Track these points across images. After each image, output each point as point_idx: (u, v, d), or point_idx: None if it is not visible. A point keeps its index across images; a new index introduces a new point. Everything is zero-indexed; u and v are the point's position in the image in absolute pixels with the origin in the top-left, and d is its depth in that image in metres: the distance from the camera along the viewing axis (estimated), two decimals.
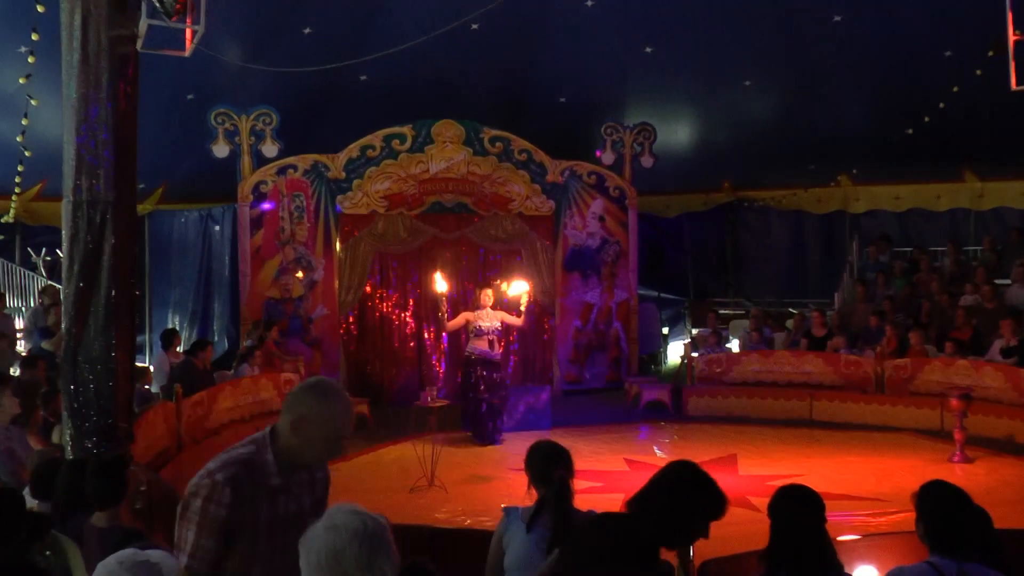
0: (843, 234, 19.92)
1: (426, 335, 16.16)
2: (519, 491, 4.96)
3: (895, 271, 17.54)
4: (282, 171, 15.57)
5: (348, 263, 15.79)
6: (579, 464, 9.44)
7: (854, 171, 18.79)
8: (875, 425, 13.76)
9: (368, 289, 16.04)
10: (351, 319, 15.94)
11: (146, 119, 8.09)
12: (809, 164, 18.76)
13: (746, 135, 18.00)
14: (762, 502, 3.98)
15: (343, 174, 15.79)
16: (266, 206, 15.43)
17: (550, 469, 4.52)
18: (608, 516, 3.21)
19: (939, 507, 3.82)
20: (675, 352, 19.57)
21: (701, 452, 11.86)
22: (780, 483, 3.89)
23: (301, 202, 15.58)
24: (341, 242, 15.79)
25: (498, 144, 16.49)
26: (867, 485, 10.40)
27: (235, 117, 15.34)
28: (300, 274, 15.50)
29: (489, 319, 12.88)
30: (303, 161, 15.68)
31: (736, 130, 18.09)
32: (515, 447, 12.12)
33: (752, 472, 11.12)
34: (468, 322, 12.97)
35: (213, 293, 17.67)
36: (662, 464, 3.57)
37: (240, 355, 13.72)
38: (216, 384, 12.32)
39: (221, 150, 15.35)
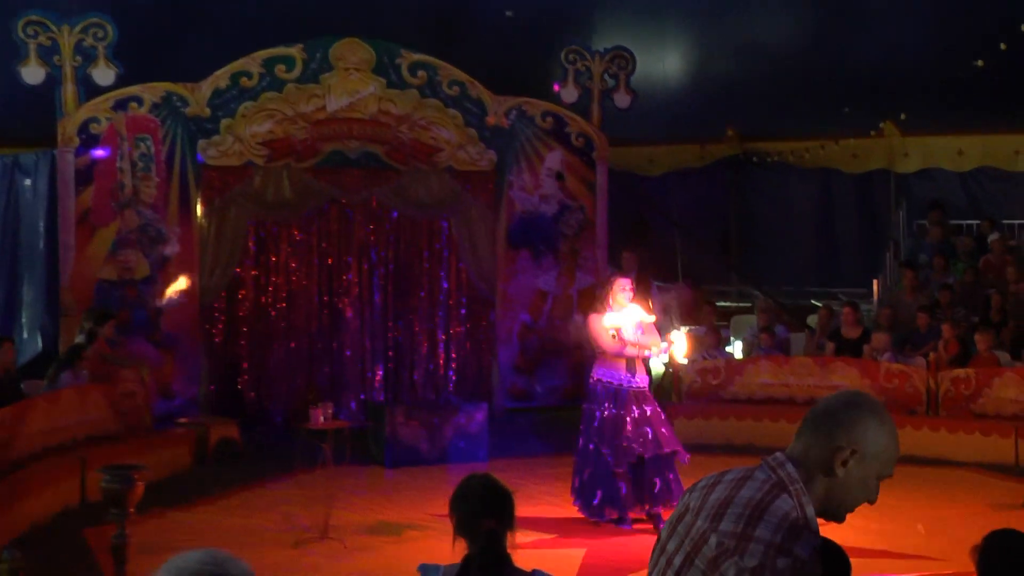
0: (886, 201, 20.12)
1: (350, 318, 16.42)
2: (443, 544, 5.02)
3: (956, 251, 17.78)
4: (121, 105, 15.46)
5: (213, 233, 15.80)
6: (527, 509, 9.19)
7: (902, 117, 19.00)
8: (926, 457, 13.72)
9: (240, 269, 16.07)
10: (217, 311, 15.95)
11: None
12: (843, 107, 18.89)
13: (758, 67, 18.17)
14: None
15: (207, 111, 15.76)
16: (98, 153, 15.31)
17: (477, 517, 4.63)
18: None
19: (1008, 566, 3.84)
20: (658, 359, 19.45)
21: None
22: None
23: (148, 148, 15.51)
24: (204, 204, 15.79)
25: (421, 73, 16.54)
26: (913, 538, 10.43)
27: (53, 28, 15.20)
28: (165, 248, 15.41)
29: (632, 324, 11.01)
30: (151, 92, 15.60)
31: (745, 60, 18.29)
32: (439, 484, 12.10)
33: None
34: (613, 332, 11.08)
35: (21, 272, 17.29)
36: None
37: (60, 359, 13.57)
38: (23, 399, 12.17)
39: (33, 74, 15.22)
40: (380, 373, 16.66)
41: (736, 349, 17.37)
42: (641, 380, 11.03)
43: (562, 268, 17.28)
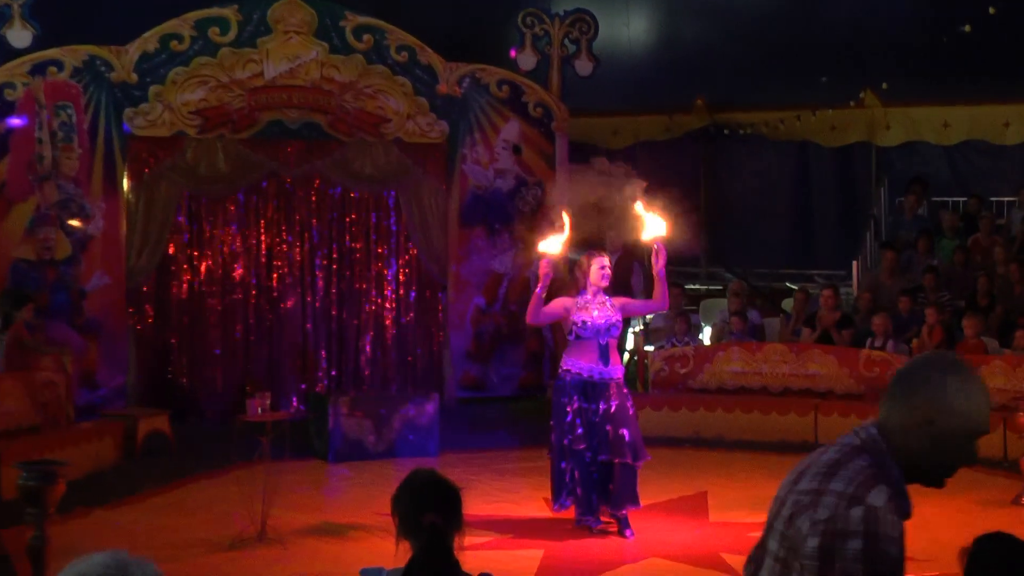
0: (867, 177, 20.20)
1: (288, 306, 16.44)
2: (389, 545, 4.95)
3: (942, 230, 17.86)
4: (39, 69, 15.37)
5: (142, 210, 15.74)
6: (482, 506, 9.34)
7: (884, 86, 19.03)
8: None
9: (172, 249, 16.04)
10: (145, 293, 15.93)
11: None
12: (820, 75, 18.91)
13: (730, 31, 18.28)
14: (741, 561, 4.04)
15: (134, 77, 15.67)
16: (14, 122, 15.19)
17: (419, 513, 4.64)
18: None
19: (998, 570, 3.90)
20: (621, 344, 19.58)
21: (656, 489, 11.86)
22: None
23: (69, 117, 15.41)
24: (131, 178, 15.74)
25: (367, 37, 16.50)
26: None
27: None
28: (76, 222, 15.33)
29: (602, 309, 10.96)
30: (72, 55, 15.50)
31: (715, 24, 18.37)
32: (386, 480, 12.06)
33: (728, 518, 11.23)
34: (567, 315, 10.97)
35: None
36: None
37: None
38: None
39: None
40: (323, 361, 16.65)
41: (706, 335, 17.40)
42: (615, 371, 10.88)
43: (519, 248, 17.07)
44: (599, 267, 10.88)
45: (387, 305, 16.94)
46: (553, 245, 10.92)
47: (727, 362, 15.46)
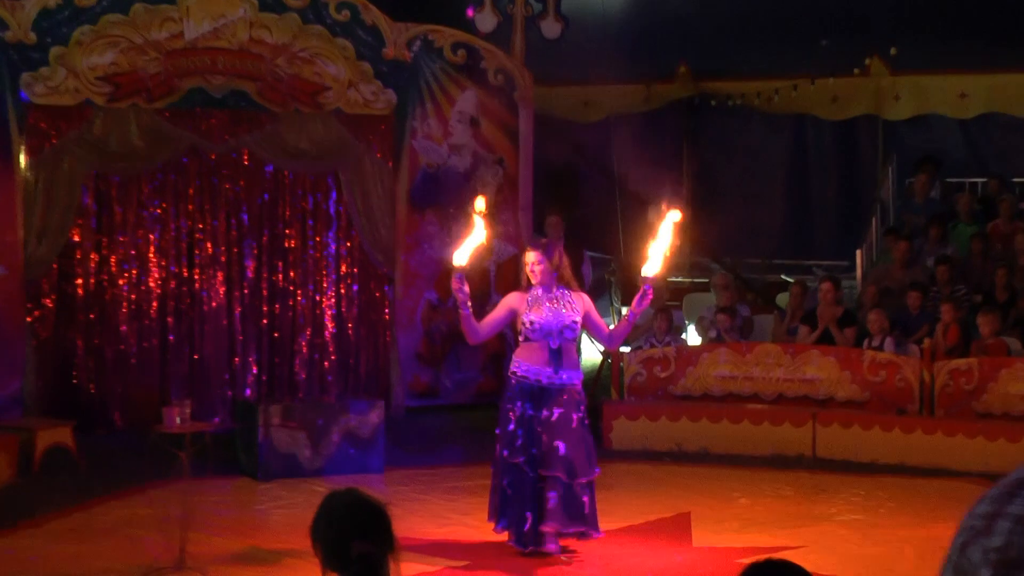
0: (872, 154, 20.37)
1: (208, 306, 16.46)
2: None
3: (956, 215, 17.93)
4: None
5: (42, 190, 15.63)
6: (432, 530, 10.00)
7: (893, 52, 19.06)
8: (919, 467, 13.94)
9: (78, 235, 15.92)
10: (46, 286, 15.82)
11: None
12: (820, 39, 19.11)
13: None
14: None
15: (32, 37, 15.51)
16: None
17: (345, 541, 4.69)
18: None
19: None
20: (593, 345, 19.23)
21: (632, 510, 11.99)
22: (756, 559, 3.92)
23: None
24: (29, 154, 15.62)
25: None
26: (903, 566, 10.53)
27: None
28: None
29: (556, 307, 10.81)
30: None
31: None
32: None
33: (714, 542, 11.27)
34: (518, 314, 10.92)
35: None
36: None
37: None
38: None
39: None
40: (252, 364, 16.64)
41: (690, 334, 17.57)
42: (569, 376, 10.71)
43: None
44: (528, 265, 10.79)
45: (326, 301, 16.97)
46: (462, 255, 10.62)
47: (713, 365, 15.46)
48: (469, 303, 10.49)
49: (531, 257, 10.79)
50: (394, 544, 4.75)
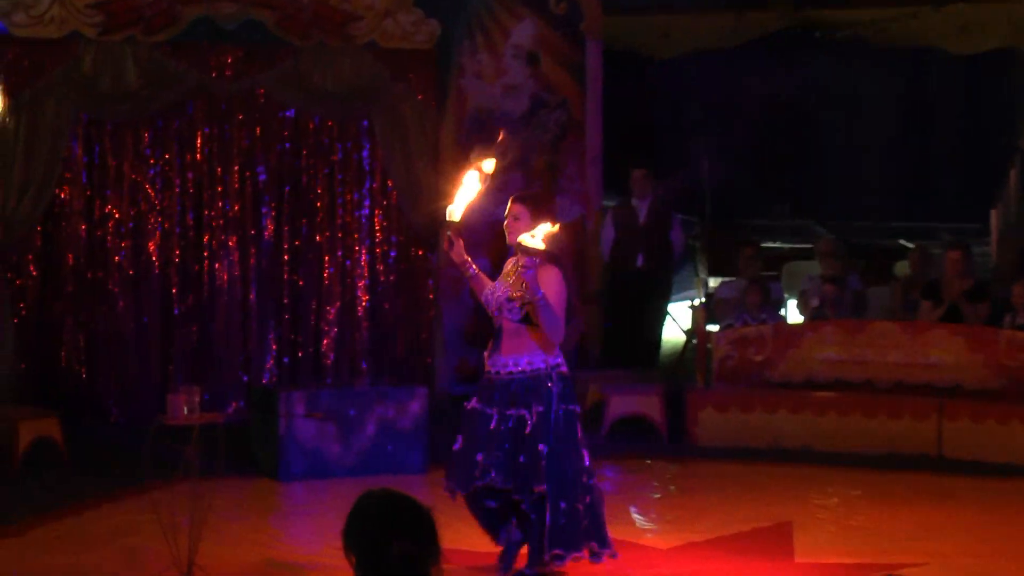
0: (1010, 96, 20.13)
1: (223, 279, 16.47)
2: None
3: None
4: None
5: (23, 138, 15.63)
6: (485, 543, 9.74)
7: None
8: None
9: (65, 192, 15.97)
10: (28, 253, 15.92)
11: None
12: None
13: None
14: None
15: None
16: None
17: (383, 542, 4.62)
18: None
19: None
20: (676, 324, 19.61)
21: (722, 519, 11.84)
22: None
23: None
24: (8, 95, 15.65)
25: None
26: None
27: None
28: None
29: (506, 281, 10.28)
30: None
31: None
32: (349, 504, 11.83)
33: (819, 557, 10.92)
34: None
35: None
36: (643, 541, 3.26)
37: None
38: None
39: None
40: (271, 343, 16.68)
41: (790, 310, 17.73)
42: (518, 362, 10.01)
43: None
44: (506, 219, 10.08)
45: (357, 269, 16.96)
46: (456, 208, 10.06)
47: (818, 346, 15.34)
48: (471, 263, 9.98)
49: (514, 210, 10.04)
50: (439, 551, 4.68)
